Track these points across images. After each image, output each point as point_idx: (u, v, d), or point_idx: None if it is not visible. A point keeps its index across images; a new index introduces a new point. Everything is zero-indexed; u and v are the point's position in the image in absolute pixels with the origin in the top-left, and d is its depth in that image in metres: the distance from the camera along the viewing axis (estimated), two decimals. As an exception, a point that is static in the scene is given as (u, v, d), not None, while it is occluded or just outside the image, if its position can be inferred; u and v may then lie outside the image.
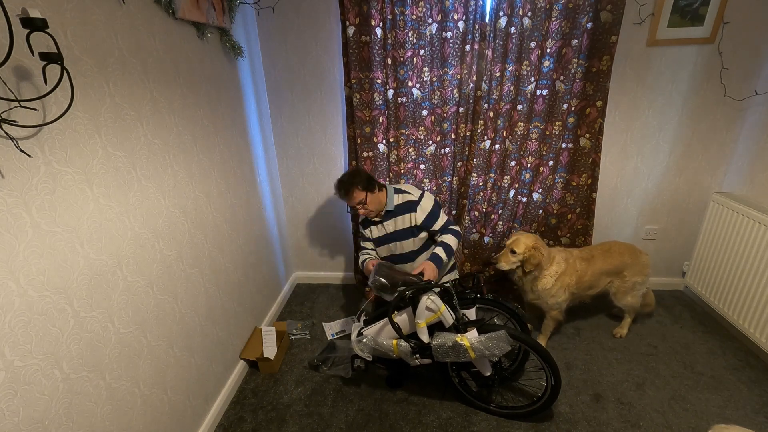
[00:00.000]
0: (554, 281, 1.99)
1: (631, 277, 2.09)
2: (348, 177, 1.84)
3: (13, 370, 0.92)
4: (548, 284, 2.00)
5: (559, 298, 2.02)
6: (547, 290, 2.01)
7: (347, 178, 1.84)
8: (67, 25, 1.02)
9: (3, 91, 0.86)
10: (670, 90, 2.19)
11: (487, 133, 2.28)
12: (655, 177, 2.41)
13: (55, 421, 1.02)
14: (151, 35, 1.35)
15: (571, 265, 2.02)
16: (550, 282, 1.99)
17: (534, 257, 1.95)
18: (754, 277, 2.01)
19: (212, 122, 1.77)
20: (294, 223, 2.78)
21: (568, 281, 2.01)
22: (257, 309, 2.30)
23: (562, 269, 2.00)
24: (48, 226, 0.99)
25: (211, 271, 1.78)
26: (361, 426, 1.77)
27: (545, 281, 2.00)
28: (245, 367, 2.09)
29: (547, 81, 2.12)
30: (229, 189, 1.95)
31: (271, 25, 2.23)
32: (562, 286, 2.01)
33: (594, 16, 1.95)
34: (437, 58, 2.13)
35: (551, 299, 2.03)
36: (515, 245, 1.99)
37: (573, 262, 2.03)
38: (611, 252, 2.10)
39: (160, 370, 1.43)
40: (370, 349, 1.72)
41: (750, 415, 1.75)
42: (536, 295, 2.06)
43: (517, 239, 2.00)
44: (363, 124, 2.26)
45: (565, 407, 1.82)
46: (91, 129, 1.11)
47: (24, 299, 0.94)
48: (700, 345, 2.18)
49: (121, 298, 1.24)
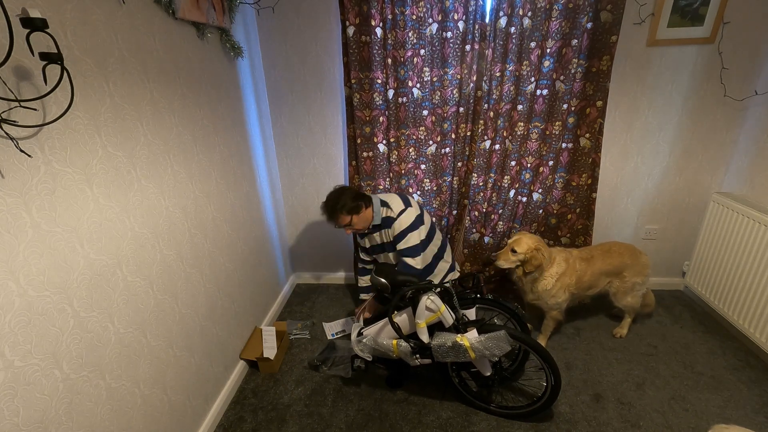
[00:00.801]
0: (554, 282, 1.99)
1: (631, 278, 2.09)
2: (333, 201, 1.79)
3: (13, 370, 0.92)
4: (548, 285, 2.00)
5: (559, 299, 2.02)
6: (547, 291, 2.01)
7: (332, 203, 1.79)
8: (67, 25, 1.02)
9: (3, 91, 0.86)
10: (670, 90, 2.19)
11: (487, 133, 2.28)
12: (655, 177, 2.41)
13: (55, 421, 1.02)
14: (151, 35, 1.35)
15: (571, 266, 2.02)
16: (551, 283, 1.99)
17: (535, 258, 1.94)
18: (754, 277, 2.01)
19: (212, 122, 1.77)
20: (294, 223, 2.78)
21: (568, 282, 2.01)
22: (257, 309, 2.30)
23: (562, 270, 2.00)
24: (48, 226, 0.99)
25: (211, 271, 1.78)
26: (361, 426, 1.77)
27: (546, 282, 1.99)
28: (245, 367, 2.09)
29: (547, 81, 2.12)
30: (229, 189, 1.95)
31: (271, 25, 2.23)
32: (562, 287, 2.01)
33: (594, 16, 1.95)
34: (437, 58, 2.13)
35: (551, 300, 2.03)
36: (516, 245, 1.98)
37: (573, 263, 2.03)
38: (611, 252, 2.10)
39: (160, 370, 1.43)
40: (370, 349, 1.72)
41: (750, 415, 1.75)
42: (536, 295, 2.06)
43: (519, 239, 2.00)
44: (363, 124, 2.26)
45: (565, 407, 1.82)
46: (91, 129, 1.11)
47: (24, 299, 0.94)
48: (700, 345, 2.18)
49: (121, 298, 1.24)
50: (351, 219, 1.81)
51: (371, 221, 1.89)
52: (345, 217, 1.79)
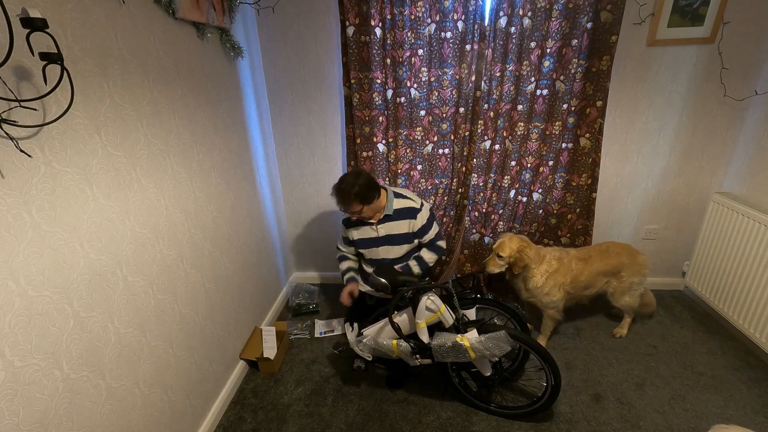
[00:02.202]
0: (545, 279, 2.01)
1: (629, 278, 2.09)
2: (348, 186, 1.71)
3: (13, 370, 0.92)
4: (539, 282, 2.01)
5: (554, 297, 2.03)
6: (538, 288, 2.02)
7: (347, 188, 1.71)
8: (67, 25, 1.02)
9: (3, 91, 0.86)
10: (670, 90, 2.19)
11: (487, 134, 2.28)
12: (655, 177, 2.41)
13: (55, 421, 1.02)
14: (151, 35, 1.35)
15: (565, 265, 2.03)
16: (541, 280, 2.01)
17: (520, 260, 1.97)
18: (754, 277, 2.01)
19: (212, 122, 1.77)
20: (294, 223, 2.78)
21: (562, 280, 2.02)
22: (257, 309, 2.30)
23: (553, 268, 2.01)
24: (48, 226, 0.99)
25: (211, 271, 1.78)
26: (361, 426, 1.77)
27: (535, 280, 2.02)
28: (245, 367, 2.09)
29: (547, 81, 2.12)
30: (229, 189, 1.95)
31: (271, 25, 2.23)
32: (555, 285, 2.02)
33: (594, 16, 1.95)
34: (435, 59, 2.13)
35: (545, 297, 2.04)
36: (500, 249, 2.01)
37: (568, 262, 2.04)
38: (609, 252, 2.10)
39: (160, 370, 1.43)
40: (370, 349, 1.72)
41: (750, 415, 1.75)
42: (530, 293, 2.08)
43: (501, 243, 2.02)
44: (362, 124, 2.26)
45: (565, 407, 1.82)
46: (91, 129, 1.11)
47: (24, 299, 0.94)
48: (700, 345, 2.18)
49: (121, 298, 1.24)
50: (362, 208, 1.78)
51: (382, 212, 1.87)
52: (357, 205, 1.76)
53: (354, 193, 1.72)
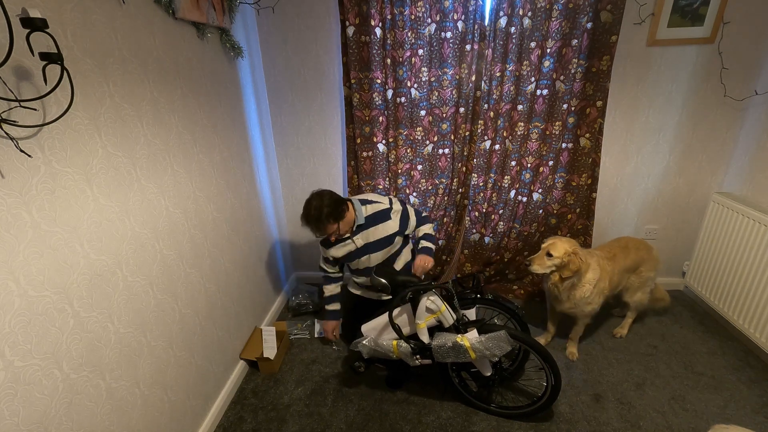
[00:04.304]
0: (593, 288, 1.87)
1: (646, 272, 2.06)
2: (316, 211, 1.64)
3: (13, 370, 0.92)
4: (587, 293, 1.87)
5: (596, 305, 1.94)
6: (584, 299, 1.88)
7: (316, 214, 1.64)
8: (67, 25, 1.02)
9: (3, 91, 0.86)
10: (670, 90, 2.19)
11: (487, 134, 2.28)
12: (655, 177, 2.41)
13: (55, 421, 1.02)
14: (151, 35, 1.35)
15: (603, 269, 1.91)
16: (589, 290, 1.87)
17: (573, 263, 1.80)
18: (754, 277, 2.01)
19: (212, 122, 1.77)
20: (294, 222, 2.78)
21: (603, 286, 1.90)
22: (257, 309, 2.30)
23: (597, 275, 1.88)
24: (48, 226, 0.99)
25: (211, 271, 1.78)
26: (361, 426, 1.77)
27: (584, 289, 1.87)
28: (245, 367, 2.09)
29: (547, 81, 2.12)
30: (229, 189, 1.95)
31: (271, 25, 2.23)
32: (599, 292, 1.91)
33: (594, 16, 1.96)
34: (435, 59, 2.13)
35: (587, 307, 1.92)
36: (552, 248, 1.84)
37: (603, 265, 1.92)
38: (629, 248, 2.04)
39: (160, 370, 1.43)
40: (370, 350, 1.72)
41: (750, 415, 1.75)
42: (573, 303, 1.92)
43: (554, 242, 1.86)
44: (362, 124, 2.26)
45: (565, 407, 1.82)
46: (91, 129, 1.11)
47: (24, 299, 0.94)
48: (700, 345, 2.18)
49: (121, 298, 1.24)
50: (338, 226, 1.70)
51: (355, 223, 1.79)
52: (332, 225, 1.68)
53: (326, 214, 1.64)
